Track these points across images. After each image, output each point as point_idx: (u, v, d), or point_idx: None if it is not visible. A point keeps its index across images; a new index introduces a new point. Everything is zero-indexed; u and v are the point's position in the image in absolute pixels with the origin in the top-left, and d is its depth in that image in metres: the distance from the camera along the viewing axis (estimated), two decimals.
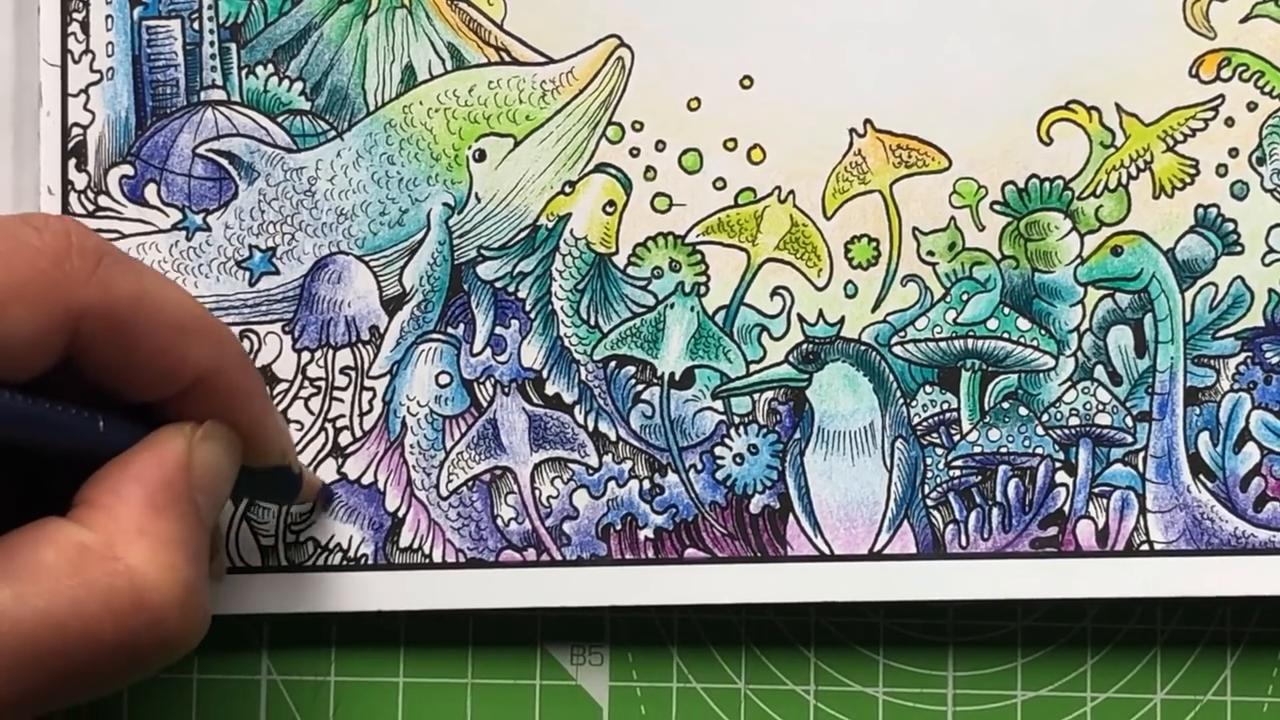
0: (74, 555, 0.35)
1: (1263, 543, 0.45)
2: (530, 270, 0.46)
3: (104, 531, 0.36)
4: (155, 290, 0.37)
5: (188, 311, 0.38)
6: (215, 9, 0.47)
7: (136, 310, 0.36)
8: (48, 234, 0.35)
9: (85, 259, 0.36)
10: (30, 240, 0.35)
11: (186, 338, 0.38)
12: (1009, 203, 0.46)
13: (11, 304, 0.34)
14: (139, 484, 0.37)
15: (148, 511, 0.36)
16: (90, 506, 0.36)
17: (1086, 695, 0.47)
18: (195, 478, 0.38)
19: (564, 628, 0.47)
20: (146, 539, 0.36)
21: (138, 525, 0.36)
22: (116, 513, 0.36)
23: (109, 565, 0.35)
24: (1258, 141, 0.45)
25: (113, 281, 0.36)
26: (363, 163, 0.47)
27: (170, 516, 0.37)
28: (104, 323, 0.36)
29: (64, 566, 0.35)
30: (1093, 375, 0.46)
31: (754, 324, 0.46)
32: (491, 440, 0.46)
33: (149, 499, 0.37)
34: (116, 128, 0.47)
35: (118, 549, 0.35)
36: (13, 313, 0.34)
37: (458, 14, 0.47)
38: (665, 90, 0.46)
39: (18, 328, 0.34)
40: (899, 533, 0.45)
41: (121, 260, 0.37)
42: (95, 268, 0.36)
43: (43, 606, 0.34)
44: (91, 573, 0.35)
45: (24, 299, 0.34)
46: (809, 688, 0.47)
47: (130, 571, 0.35)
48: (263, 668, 0.47)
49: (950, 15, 0.46)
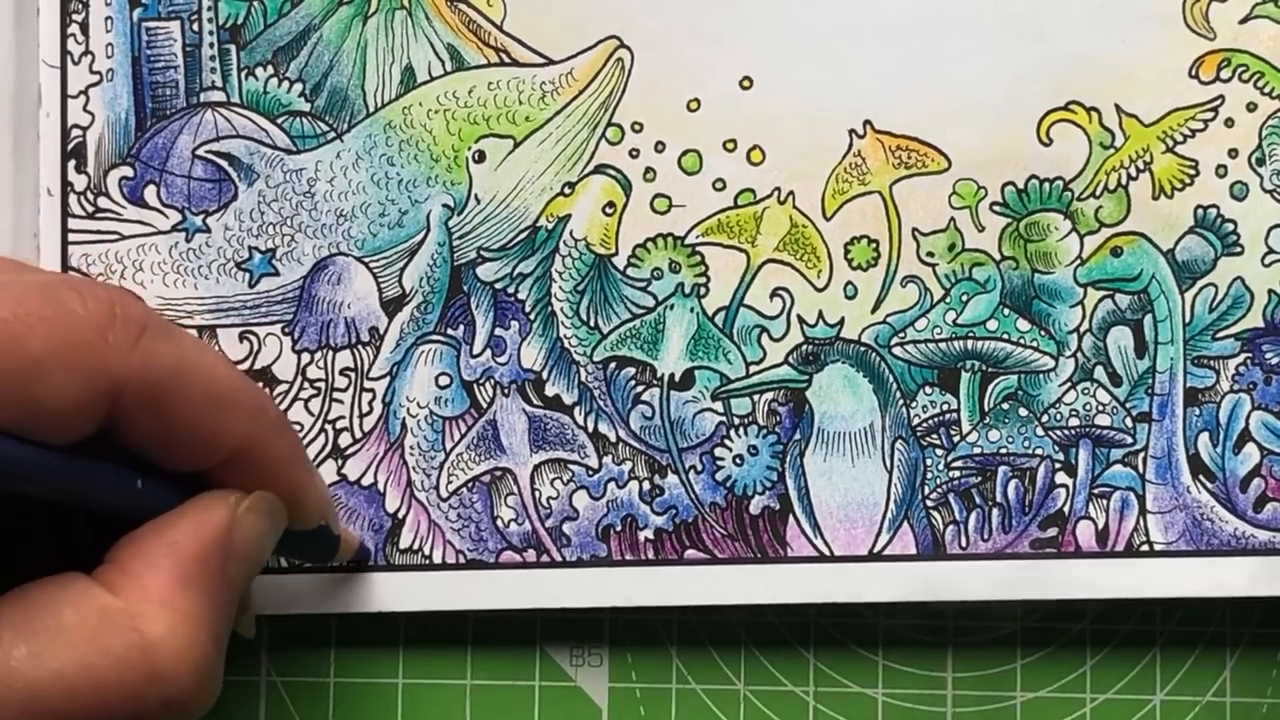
0: (95, 620, 0.35)
1: (1263, 543, 0.45)
2: (530, 271, 0.46)
3: (128, 599, 0.35)
4: (196, 362, 0.37)
5: (227, 383, 0.38)
6: (215, 10, 0.47)
7: (176, 383, 0.36)
8: (92, 302, 0.35)
9: (129, 329, 0.35)
10: (75, 307, 0.35)
11: (225, 410, 0.37)
12: (1009, 204, 0.46)
13: (54, 370, 0.34)
14: (172, 554, 0.37)
15: (176, 585, 0.36)
16: (119, 569, 0.36)
17: (1086, 696, 0.47)
18: (235, 549, 0.38)
19: (563, 629, 0.47)
20: (170, 612, 0.36)
21: (163, 597, 0.36)
22: (144, 581, 0.36)
23: (128, 636, 0.35)
24: (1257, 142, 0.45)
25: (154, 353, 0.36)
26: (362, 164, 0.47)
27: (198, 592, 0.36)
28: (144, 395, 0.36)
29: (83, 630, 0.34)
30: (1092, 376, 0.46)
31: (754, 325, 0.46)
32: (491, 441, 0.46)
33: (179, 571, 0.36)
34: (116, 129, 0.47)
35: (140, 620, 0.35)
36: (55, 379, 0.34)
37: (457, 15, 0.47)
38: (665, 91, 0.46)
39: (58, 392, 0.34)
40: (899, 533, 0.45)
41: (163, 331, 0.36)
42: (138, 338, 0.35)
43: (58, 669, 0.34)
44: (110, 640, 0.35)
45: (67, 364, 0.34)
46: (808, 689, 0.47)
47: (148, 645, 0.35)
48: (262, 668, 0.47)
49: (950, 16, 0.46)
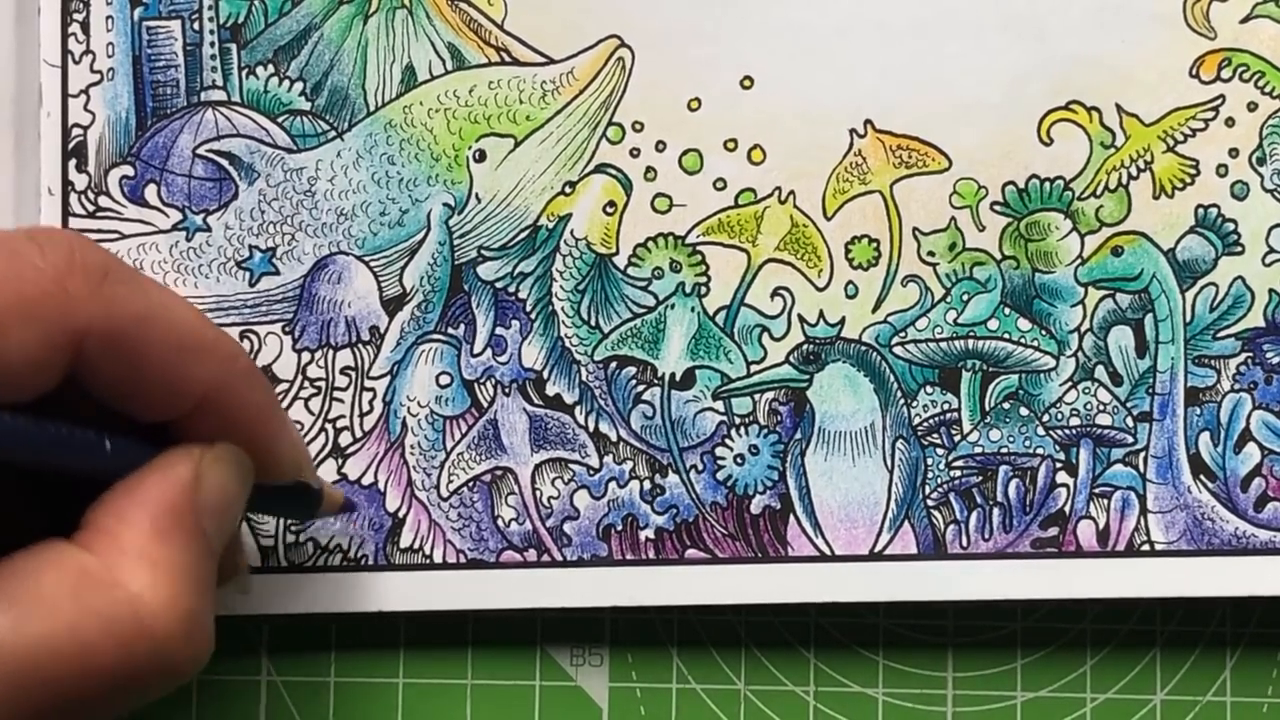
0: (75, 580, 0.34)
1: (1263, 543, 0.45)
2: (531, 271, 0.46)
3: (106, 556, 0.35)
4: (160, 307, 0.36)
5: (193, 328, 0.37)
6: (215, 9, 0.47)
7: (140, 328, 0.36)
8: (50, 251, 0.34)
9: (89, 277, 0.35)
10: (33, 258, 0.34)
11: (191, 355, 0.37)
12: (1009, 203, 0.46)
13: (12, 324, 0.33)
14: (144, 508, 0.36)
15: (152, 537, 0.36)
16: (94, 530, 0.36)
17: (1086, 696, 0.47)
18: (203, 501, 0.37)
19: (564, 628, 0.47)
20: (150, 565, 0.35)
21: (141, 550, 0.35)
22: (120, 537, 0.35)
23: (110, 592, 0.34)
24: (1258, 142, 0.45)
25: (116, 299, 0.35)
26: (363, 163, 0.47)
27: (175, 542, 0.36)
28: (107, 342, 0.35)
29: (64, 591, 0.34)
30: (1093, 376, 0.46)
31: (754, 324, 0.46)
32: (492, 441, 0.46)
33: (153, 524, 0.36)
34: (117, 128, 0.47)
35: (120, 575, 0.35)
36: (13, 333, 0.33)
37: (458, 14, 0.47)
38: (665, 90, 0.46)
39: (19, 348, 0.34)
40: (900, 533, 0.45)
41: (126, 277, 0.36)
42: (99, 285, 0.35)
43: (42, 632, 0.33)
44: (92, 599, 0.34)
45: (25, 319, 0.34)
46: (809, 688, 0.47)
47: (132, 599, 0.35)
48: (262, 668, 0.47)
49: (950, 15, 0.46)
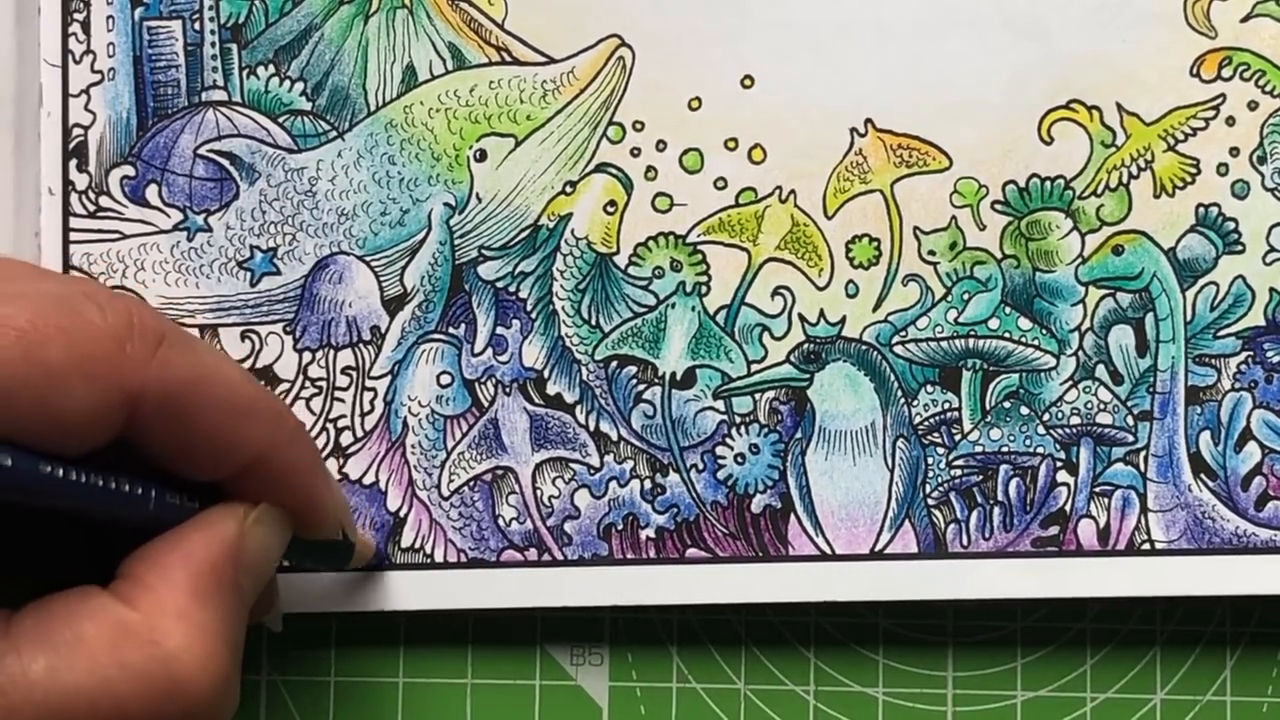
0: (113, 633, 0.35)
1: (1264, 542, 0.45)
2: (531, 270, 0.46)
3: (146, 612, 0.36)
4: (213, 373, 0.37)
5: (245, 394, 0.38)
6: (216, 9, 0.47)
7: (193, 394, 0.36)
8: (110, 313, 0.35)
9: (146, 341, 0.36)
10: (94, 318, 0.35)
11: (242, 420, 0.38)
12: (1010, 202, 0.46)
13: (72, 380, 0.34)
14: (185, 567, 0.37)
15: (192, 596, 0.36)
16: (134, 582, 0.36)
17: (1086, 695, 0.47)
18: (244, 561, 0.38)
19: (564, 628, 0.47)
20: (188, 625, 0.36)
21: (181, 610, 0.36)
22: (160, 594, 0.36)
23: (148, 649, 0.35)
24: (1258, 141, 0.46)
25: (171, 364, 0.36)
26: (364, 163, 0.47)
27: (213, 604, 0.37)
28: (161, 405, 0.36)
29: (102, 643, 0.35)
30: (1094, 375, 0.46)
31: (755, 324, 0.46)
32: (493, 440, 0.46)
33: (194, 582, 0.37)
34: (117, 128, 0.47)
35: (158, 632, 0.35)
36: (73, 389, 0.34)
37: (458, 14, 0.47)
38: (666, 90, 0.46)
39: (76, 404, 0.34)
40: (900, 532, 0.45)
41: (181, 342, 0.37)
42: (155, 350, 0.36)
43: (79, 682, 0.34)
44: (129, 653, 0.35)
45: (85, 375, 0.34)
46: (809, 688, 0.47)
47: (168, 657, 0.35)
48: (263, 668, 0.47)
49: (951, 15, 0.46)
